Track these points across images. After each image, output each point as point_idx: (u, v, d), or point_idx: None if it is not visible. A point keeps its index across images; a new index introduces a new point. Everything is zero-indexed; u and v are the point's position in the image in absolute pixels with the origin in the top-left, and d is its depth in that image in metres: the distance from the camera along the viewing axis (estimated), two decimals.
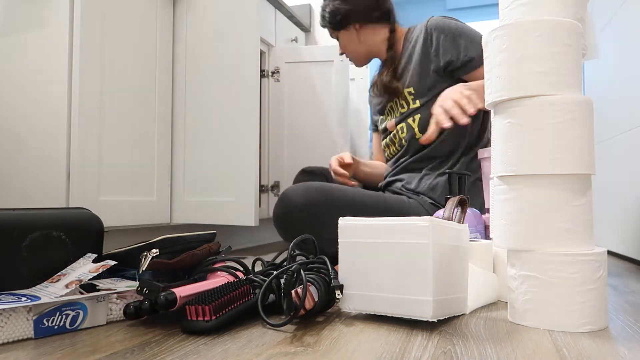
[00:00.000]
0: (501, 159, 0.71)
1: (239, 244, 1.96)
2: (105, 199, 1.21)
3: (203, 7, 1.44)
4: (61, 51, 1.15)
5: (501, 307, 0.80)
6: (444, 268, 0.67)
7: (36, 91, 1.18)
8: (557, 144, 0.66)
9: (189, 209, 1.43)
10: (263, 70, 1.99)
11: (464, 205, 0.86)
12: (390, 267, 0.68)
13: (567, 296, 0.65)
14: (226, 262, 0.84)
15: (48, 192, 1.15)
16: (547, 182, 0.67)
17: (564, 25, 0.67)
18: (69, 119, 1.15)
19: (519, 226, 0.69)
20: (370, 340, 0.61)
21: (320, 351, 0.56)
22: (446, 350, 0.56)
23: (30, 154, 1.18)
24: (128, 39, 1.30)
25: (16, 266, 0.72)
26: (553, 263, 0.65)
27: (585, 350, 0.56)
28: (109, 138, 1.23)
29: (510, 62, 0.69)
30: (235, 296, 0.67)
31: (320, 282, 0.70)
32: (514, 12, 0.72)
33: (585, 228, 0.67)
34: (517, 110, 0.69)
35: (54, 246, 0.77)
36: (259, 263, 0.90)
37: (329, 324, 0.69)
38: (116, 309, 0.70)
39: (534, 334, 0.63)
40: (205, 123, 1.42)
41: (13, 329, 0.59)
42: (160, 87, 1.41)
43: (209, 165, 1.41)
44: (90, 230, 0.83)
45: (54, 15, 1.17)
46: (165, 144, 1.43)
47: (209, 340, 0.61)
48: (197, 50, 1.44)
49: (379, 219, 0.71)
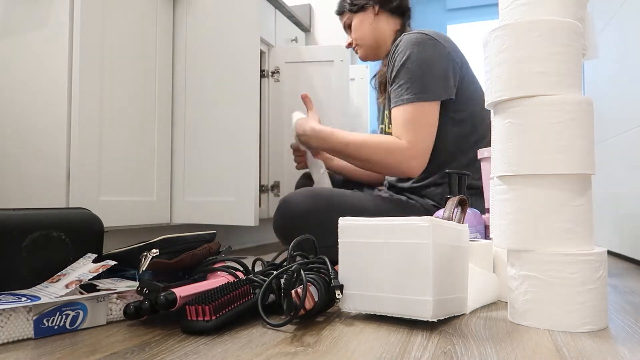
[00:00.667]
0: (501, 159, 0.71)
1: (239, 244, 1.96)
2: (105, 199, 1.21)
3: (203, 7, 1.44)
4: (61, 51, 1.15)
5: (501, 307, 0.80)
6: (444, 268, 0.67)
7: (36, 91, 1.18)
8: (557, 144, 0.66)
9: (189, 209, 1.43)
10: (263, 70, 1.99)
11: (464, 205, 0.86)
12: (391, 267, 0.68)
13: (567, 296, 0.65)
14: (226, 262, 0.84)
15: (48, 192, 1.15)
16: (547, 182, 0.67)
17: (564, 25, 0.67)
18: (69, 119, 1.15)
19: (519, 226, 0.69)
20: (370, 340, 0.61)
21: (320, 351, 0.56)
22: (446, 350, 0.56)
23: (30, 154, 1.18)
24: (128, 39, 1.30)
25: (16, 266, 0.72)
26: (553, 263, 0.65)
27: (585, 350, 0.56)
28: (109, 138, 1.23)
29: (510, 62, 0.69)
30: (235, 296, 0.67)
31: (320, 282, 0.70)
32: (514, 12, 0.72)
33: (585, 228, 0.67)
34: (517, 110, 0.69)
35: (54, 246, 0.77)
36: (259, 263, 0.90)
37: (329, 324, 0.69)
38: (116, 309, 0.70)
39: (534, 334, 0.63)
40: (205, 123, 1.42)
41: (13, 329, 0.59)
42: (160, 87, 1.41)
43: (209, 165, 1.41)
44: (90, 230, 0.83)
45: (54, 15, 1.17)
46: (165, 144, 1.43)
47: (209, 340, 0.61)
48: (197, 50, 1.44)
49: (379, 218, 0.71)
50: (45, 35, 1.18)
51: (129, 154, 1.30)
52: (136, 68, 1.32)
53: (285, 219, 1.14)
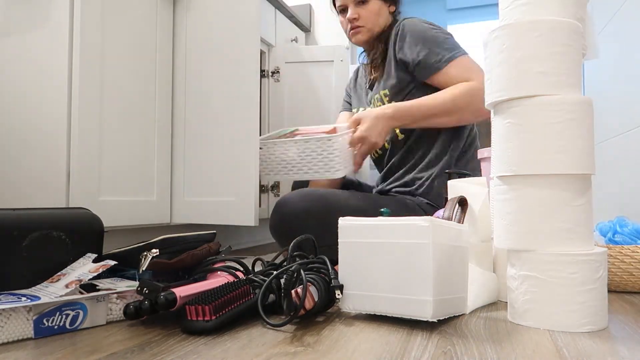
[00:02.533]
0: (501, 159, 0.71)
1: (239, 244, 1.96)
2: (105, 199, 1.21)
3: (203, 7, 1.44)
4: (61, 51, 1.15)
5: (501, 307, 0.80)
6: (444, 268, 0.67)
7: (36, 91, 1.18)
8: (557, 144, 0.66)
9: (189, 209, 1.43)
10: (263, 70, 1.99)
11: (464, 205, 0.86)
12: (390, 267, 0.68)
13: (567, 296, 0.65)
14: (226, 262, 0.84)
15: (48, 192, 1.15)
16: (547, 182, 0.67)
17: (564, 25, 0.67)
18: (69, 119, 1.15)
19: (519, 226, 0.69)
20: (370, 340, 0.61)
21: (320, 351, 0.56)
22: (446, 350, 0.56)
23: (30, 154, 1.18)
24: (128, 39, 1.30)
25: (16, 266, 0.72)
26: (553, 263, 0.65)
27: (585, 350, 0.56)
28: (109, 138, 1.23)
29: (510, 62, 0.69)
30: (235, 296, 0.67)
31: (320, 282, 0.70)
32: (514, 12, 0.72)
33: (585, 228, 0.67)
34: (517, 110, 0.69)
35: (54, 246, 0.77)
36: (259, 263, 0.90)
37: (329, 324, 0.69)
38: (116, 309, 0.70)
39: (534, 334, 0.63)
40: (205, 123, 1.42)
41: (13, 329, 0.59)
42: (160, 87, 1.41)
43: (209, 165, 1.41)
44: (90, 230, 0.83)
45: (54, 15, 1.17)
46: (166, 143, 1.43)
47: (209, 340, 0.61)
48: (197, 50, 1.44)
49: (379, 218, 0.71)
50: (45, 35, 1.17)
51: (129, 154, 1.30)
52: (136, 68, 1.32)
53: (282, 219, 1.14)
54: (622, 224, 0.97)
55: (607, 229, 0.99)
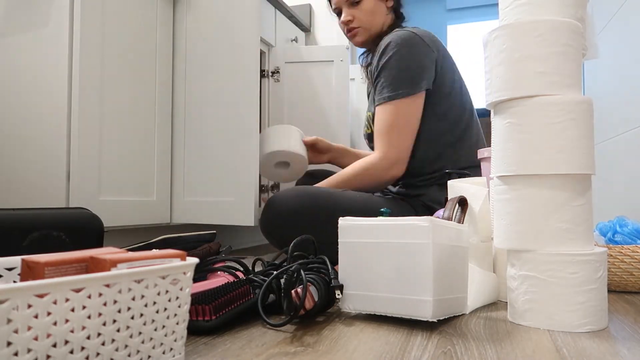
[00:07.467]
0: (501, 159, 0.71)
1: (239, 244, 1.96)
2: (105, 199, 1.21)
3: (203, 7, 1.44)
4: (61, 51, 1.15)
5: (501, 307, 0.80)
6: (444, 268, 0.67)
7: (36, 91, 1.18)
8: (557, 144, 0.66)
9: (189, 209, 1.43)
10: (263, 70, 1.99)
11: (464, 205, 0.86)
12: (390, 267, 0.68)
13: (567, 296, 0.65)
14: (226, 262, 0.84)
15: (48, 192, 1.15)
16: (547, 182, 0.67)
17: (564, 25, 0.67)
18: (69, 119, 1.15)
19: (519, 226, 0.69)
20: (370, 340, 0.61)
21: (320, 351, 0.56)
22: (446, 350, 0.56)
23: (30, 154, 1.18)
24: (128, 39, 1.30)
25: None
26: (553, 263, 0.65)
27: (585, 350, 0.56)
28: (109, 138, 1.23)
29: (510, 62, 0.69)
30: (235, 296, 0.67)
31: (320, 282, 0.70)
32: (514, 12, 0.72)
33: (585, 228, 0.67)
34: (517, 110, 0.69)
35: (54, 246, 0.77)
36: (259, 263, 0.90)
37: (329, 324, 0.69)
38: None
39: (534, 334, 0.63)
40: (206, 123, 1.42)
41: None
42: (160, 87, 1.41)
43: (209, 165, 1.41)
44: (90, 230, 0.83)
45: (54, 15, 1.17)
46: (165, 143, 1.43)
47: (209, 340, 0.61)
48: (197, 50, 1.44)
49: (379, 218, 0.71)
50: (45, 35, 1.18)
51: (129, 154, 1.30)
52: (136, 68, 1.32)
53: (271, 218, 1.14)
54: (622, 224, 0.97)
55: (607, 229, 0.99)
